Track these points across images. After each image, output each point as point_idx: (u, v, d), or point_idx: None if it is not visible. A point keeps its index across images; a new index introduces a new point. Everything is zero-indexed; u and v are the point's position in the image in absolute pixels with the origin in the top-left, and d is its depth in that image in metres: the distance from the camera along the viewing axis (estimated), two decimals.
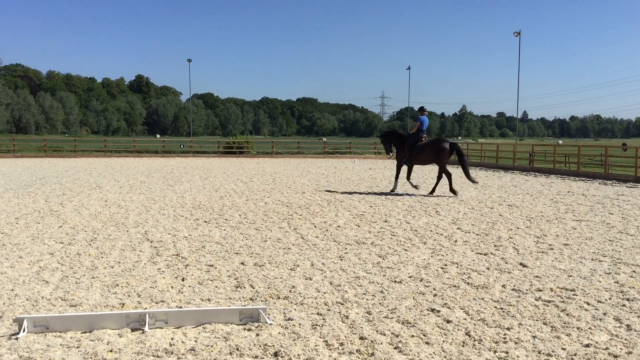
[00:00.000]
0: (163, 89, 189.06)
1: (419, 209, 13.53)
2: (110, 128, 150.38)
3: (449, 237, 9.95)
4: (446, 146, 16.25)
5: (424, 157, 16.61)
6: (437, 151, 16.28)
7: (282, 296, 6.29)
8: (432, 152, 16.39)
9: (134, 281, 6.84)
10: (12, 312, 5.63)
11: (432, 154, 16.42)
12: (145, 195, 15.72)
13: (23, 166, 29.18)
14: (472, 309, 5.90)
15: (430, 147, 16.44)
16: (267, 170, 27.26)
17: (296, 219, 11.83)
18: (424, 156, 16.60)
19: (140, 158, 40.03)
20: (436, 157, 16.36)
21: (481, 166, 32.25)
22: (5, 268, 7.40)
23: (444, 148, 16.21)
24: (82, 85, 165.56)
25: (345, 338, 5.03)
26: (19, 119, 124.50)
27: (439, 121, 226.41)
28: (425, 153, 16.52)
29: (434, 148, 16.35)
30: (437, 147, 16.29)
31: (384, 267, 7.67)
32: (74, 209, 12.82)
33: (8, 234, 9.81)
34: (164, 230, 10.35)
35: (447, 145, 16.29)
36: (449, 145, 16.33)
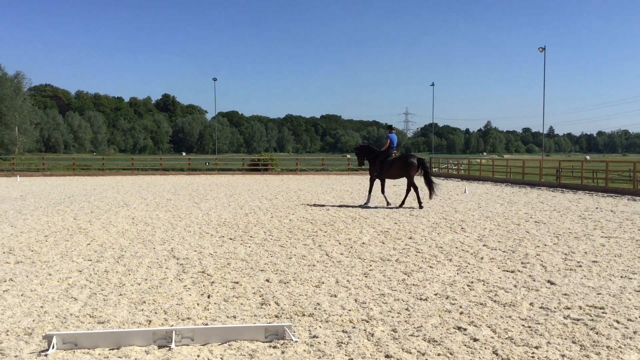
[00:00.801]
0: (189, 108, 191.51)
1: (444, 225, 13.44)
2: (137, 146, 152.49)
3: (475, 254, 9.87)
4: (414, 161, 17.34)
5: (394, 171, 17.63)
6: (405, 166, 17.38)
7: (307, 313, 6.29)
8: (401, 167, 17.46)
9: (160, 298, 6.90)
10: (41, 329, 5.72)
11: (401, 168, 17.48)
12: (172, 213, 15.88)
13: (52, 184, 29.69)
14: (499, 327, 5.83)
15: (399, 162, 17.53)
16: (291, 187, 27.35)
17: (321, 235, 11.84)
18: (393, 170, 17.62)
19: (166, 176, 40.48)
20: (404, 172, 17.43)
21: (507, 182, 31.94)
22: (35, 285, 7.53)
23: (412, 163, 17.32)
24: (109, 104, 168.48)
25: (370, 356, 5.01)
26: (49, 138, 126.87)
27: (464, 137, 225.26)
28: (394, 167, 17.56)
29: (402, 163, 17.45)
30: (405, 162, 17.40)
31: (409, 285, 7.63)
32: (102, 227, 13.01)
33: (38, 251, 9.98)
34: (190, 247, 10.43)
35: (415, 160, 17.39)
36: (417, 160, 17.41)
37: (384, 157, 17.76)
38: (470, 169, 42.06)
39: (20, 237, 11.45)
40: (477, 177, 36.03)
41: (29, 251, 9.96)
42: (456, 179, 37.38)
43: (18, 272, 8.30)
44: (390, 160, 17.63)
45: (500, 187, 28.59)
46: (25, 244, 10.67)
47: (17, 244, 10.72)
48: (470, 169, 42.07)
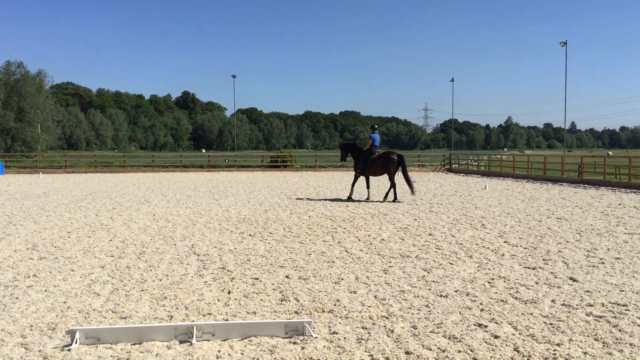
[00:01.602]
0: (208, 105, 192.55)
1: (464, 222, 13.36)
2: (157, 143, 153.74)
3: (496, 250, 9.80)
4: (394, 158, 18.41)
5: (376, 168, 18.62)
6: (386, 163, 18.41)
7: (327, 310, 6.30)
8: (382, 163, 18.47)
9: (181, 294, 6.96)
10: (64, 324, 5.80)
11: (382, 165, 18.48)
12: (192, 209, 15.99)
13: (74, 181, 30.07)
14: (520, 324, 5.79)
15: (380, 160, 18.53)
16: (310, 184, 27.38)
17: (340, 232, 11.84)
18: (375, 167, 18.61)
19: (186, 173, 40.76)
20: (385, 168, 18.43)
21: (528, 178, 31.65)
22: (58, 281, 7.63)
23: (392, 159, 18.37)
24: (130, 102, 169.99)
25: (390, 352, 5.01)
26: (71, 136, 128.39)
27: (484, 133, 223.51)
28: (376, 165, 18.55)
29: (383, 160, 18.47)
30: (386, 159, 18.45)
31: (429, 281, 7.60)
32: (123, 223, 13.14)
33: (61, 247, 10.12)
34: (210, 243, 10.50)
35: (395, 157, 18.44)
36: (397, 157, 18.45)
37: (368, 155, 18.75)
38: (490, 165, 41.75)
39: (43, 234, 11.62)
40: (498, 173, 35.75)
41: (52, 247, 10.11)
42: (476, 175, 37.12)
43: (41, 268, 8.42)
44: (373, 158, 18.60)
45: (521, 183, 28.35)
46: (49, 240, 10.82)
47: (40, 240, 10.88)
48: (491, 165, 41.77)
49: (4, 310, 6.28)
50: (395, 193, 18.34)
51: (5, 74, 79.90)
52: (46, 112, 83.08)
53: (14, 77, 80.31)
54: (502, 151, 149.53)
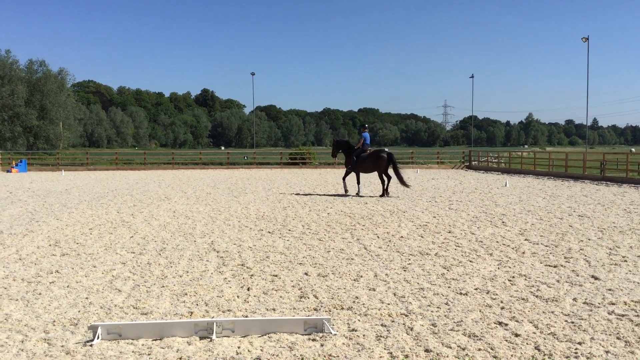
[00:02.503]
0: (227, 102, 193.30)
1: (484, 219, 13.27)
2: (177, 141, 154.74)
3: (517, 248, 9.72)
4: (384, 156, 19.11)
5: (367, 166, 19.38)
6: (376, 160, 19.11)
7: (346, 307, 6.30)
8: (373, 161, 19.19)
9: (201, 290, 7.01)
10: (86, 320, 5.87)
11: (373, 163, 19.20)
12: (211, 207, 16.09)
13: (96, 178, 30.39)
14: (541, 322, 5.74)
15: (371, 157, 19.29)
16: (329, 181, 27.38)
17: (359, 229, 11.83)
18: (366, 165, 19.38)
19: (205, 170, 41.00)
20: (376, 166, 19.14)
21: (549, 175, 31.34)
22: (80, 277, 7.73)
23: (382, 157, 19.07)
24: (150, 100, 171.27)
25: (410, 350, 5.00)
26: (92, 133, 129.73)
27: (504, 130, 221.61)
28: (367, 162, 19.32)
29: (374, 158, 19.20)
30: (376, 157, 19.16)
31: (448, 279, 7.57)
32: (144, 220, 13.26)
33: (83, 244, 10.24)
34: (230, 240, 10.55)
35: (385, 155, 19.16)
36: (386, 155, 19.16)
37: (359, 152, 19.55)
38: (511, 162, 41.40)
39: (65, 230, 11.76)
40: (518, 171, 35.44)
41: (74, 244, 10.23)
42: (496, 172, 36.84)
43: (64, 264, 8.53)
44: (364, 156, 19.41)
45: (542, 180, 28.08)
46: (71, 237, 10.95)
47: (62, 236, 11.02)
48: (511, 162, 41.41)
49: (27, 305, 6.37)
50: (386, 188, 19.13)
51: (28, 73, 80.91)
52: (68, 110, 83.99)
53: (36, 75, 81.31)
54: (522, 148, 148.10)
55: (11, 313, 6.08)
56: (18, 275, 7.82)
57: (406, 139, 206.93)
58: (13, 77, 77.32)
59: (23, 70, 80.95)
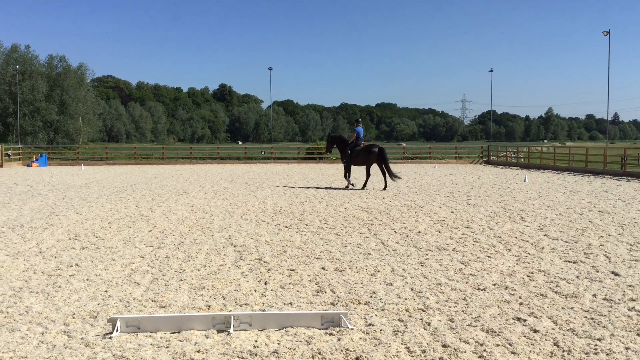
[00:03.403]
0: (245, 97, 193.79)
1: (502, 214, 13.17)
2: (195, 136, 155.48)
3: (535, 244, 9.63)
4: (375, 150, 19.80)
5: (359, 159, 20.17)
6: (368, 154, 19.85)
7: (363, 301, 6.29)
8: (364, 155, 19.95)
9: (219, 284, 7.04)
10: (106, 313, 5.93)
11: (364, 156, 19.97)
12: (229, 201, 16.15)
13: (115, 173, 30.66)
14: (560, 318, 5.68)
15: (362, 151, 20.04)
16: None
17: (376, 224, 11.81)
18: (359, 159, 20.15)
19: (223, 165, 41.17)
20: (367, 159, 19.92)
21: (569, 170, 31.01)
22: (100, 270, 7.80)
23: (373, 151, 19.78)
24: (169, 95, 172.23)
25: (427, 345, 4.98)
26: (111, 128, 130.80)
27: (524, 124, 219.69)
28: (360, 156, 20.08)
29: (365, 152, 19.95)
30: (368, 151, 19.87)
31: (466, 274, 7.52)
32: (162, 214, 13.35)
33: (102, 237, 10.34)
34: (247, 235, 10.59)
35: (376, 149, 19.83)
36: (377, 149, 19.83)
37: (353, 146, 20.30)
38: (530, 157, 41.04)
39: (85, 224, 11.88)
40: (538, 166, 35.13)
41: (93, 237, 10.33)
42: (515, 167, 36.54)
43: (83, 257, 8.62)
44: (357, 150, 20.15)
45: (562, 175, 27.80)
46: (90, 231, 11.06)
47: (82, 230, 11.14)
48: (531, 157, 41.06)
49: (47, 298, 6.45)
50: (366, 181, 20.24)
51: (48, 68, 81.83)
52: (87, 105, 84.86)
53: (56, 70, 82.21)
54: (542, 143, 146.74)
55: (32, 305, 6.16)
56: (38, 268, 7.92)
57: (424, 134, 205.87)
58: (33, 72, 78.26)
59: (43, 65, 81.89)
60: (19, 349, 4.92)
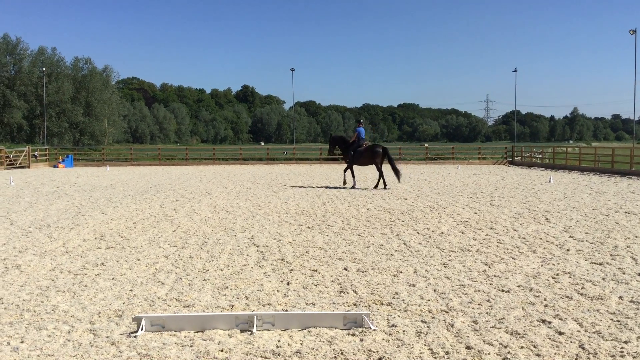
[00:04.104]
0: (267, 98, 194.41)
1: (527, 215, 13.04)
2: (218, 137, 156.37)
3: (561, 245, 9.52)
4: (379, 150, 20.33)
5: (363, 159, 20.61)
6: (373, 155, 20.31)
7: (386, 302, 6.28)
8: (369, 155, 20.38)
9: (242, 284, 7.08)
10: (131, 311, 6.00)
11: (369, 157, 20.41)
12: (251, 202, 16.22)
13: (139, 174, 30.99)
14: (586, 320, 5.61)
15: (367, 152, 20.45)
16: (368, 177, 27.28)
17: (398, 225, 11.77)
18: (363, 159, 20.59)
19: (245, 165, 41.37)
20: (372, 160, 20.36)
21: (595, 171, 30.57)
22: (125, 270, 7.90)
23: (378, 152, 20.30)
24: (192, 96, 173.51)
25: (450, 347, 4.95)
26: (136, 130, 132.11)
27: (548, 125, 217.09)
28: (364, 156, 20.50)
29: (370, 152, 20.38)
30: (373, 152, 20.35)
31: (490, 276, 7.46)
32: (186, 214, 13.46)
33: (127, 237, 10.46)
34: (269, 235, 10.63)
35: (381, 149, 20.36)
36: (382, 149, 20.37)
37: (355, 147, 20.62)
38: (555, 158, 40.56)
39: (110, 224, 12.04)
40: (563, 166, 34.70)
41: (119, 237, 10.46)
42: (540, 168, 36.14)
43: (109, 257, 8.73)
44: (361, 150, 20.49)
45: (587, 176, 27.42)
46: (116, 231, 11.20)
47: (107, 230, 11.28)
48: (556, 158, 40.57)
49: (73, 297, 6.55)
50: (384, 181, 20.33)
51: (74, 70, 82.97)
52: (112, 107, 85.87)
53: (82, 72, 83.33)
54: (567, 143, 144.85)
55: (58, 304, 6.25)
56: (65, 267, 8.04)
57: (447, 135, 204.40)
58: (60, 74, 79.40)
59: (69, 67, 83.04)
60: (46, 347, 5.00)
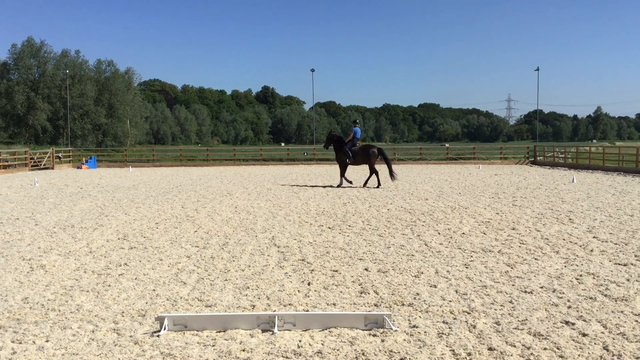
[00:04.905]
0: (287, 99, 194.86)
1: (550, 216, 12.90)
2: (238, 137, 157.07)
3: (584, 246, 9.41)
4: (375, 151, 20.89)
5: (359, 159, 21.10)
6: (367, 154, 20.81)
7: (407, 303, 6.26)
8: (364, 155, 20.88)
9: (263, 284, 7.11)
10: (154, 311, 6.06)
11: (363, 156, 20.90)
12: (272, 202, 16.28)
13: (161, 174, 31.25)
14: (610, 322, 5.54)
15: (362, 151, 20.97)
16: (388, 177, 27.19)
17: (419, 225, 11.72)
18: (359, 158, 21.08)
19: (266, 166, 41.50)
20: (366, 159, 20.85)
21: (619, 171, 30.14)
22: (148, 270, 7.98)
23: (373, 152, 20.83)
24: (213, 97, 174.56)
25: (472, 348, 4.92)
26: (157, 131, 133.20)
27: (571, 124, 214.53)
28: (358, 156, 21.01)
29: (365, 152, 20.88)
30: (367, 152, 20.87)
31: (512, 277, 7.40)
32: (207, 215, 13.55)
33: (149, 237, 10.56)
34: (290, 235, 10.66)
35: (375, 149, 20.94)
36: (377, 149, 20.94)
37: (350, 146, 21.11)
38: (578, 157, 40.07)
39: (133, 224, 12.16)
40: (586, 166, 34.26)
41: (141, 237, 10.57)
42: (563, 167, 35.73)
43: (132, 257, 8.83)
44: (355, 150, 21.01)
45: (611, 176, 27.04)
46: (138, 231, 11.32)
47: (130, 230, 11.40)
48: (579, 157, 40.08)
49: (97, 297, 6.63)
50: (378, 179, 20.94)
51: (97, 72, 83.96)
52: (135, 108, 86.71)
53: (104, 75, 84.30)
54: (591, 143, 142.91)
55: (82, 304, 6.34)
56: (89, 267, 8.15)
57: (468, 135, 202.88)
58: (83, 76, 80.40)
59: (92, 69, 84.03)
60: (70, 346, 5.07)
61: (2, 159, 36.07)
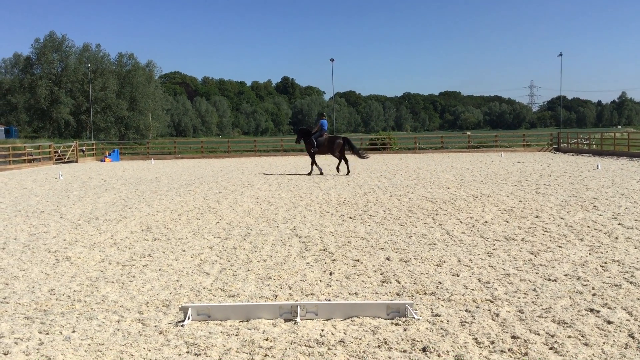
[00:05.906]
0: (307, 89, 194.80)
1: (574, 203, 12.75)
2: (259, 129, 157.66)
3: (609, 233, 9.29)
4: (340, 141, 22.42)
5: (323, 148, 22.61)
6: (331, 144, 22.36)
7: (429, 292, 6.25)
8: (329, 145, 22.43)
9: (285, 274, 7.14)
10: (177, 301, 6.13)
11: (328, 146, 22.44)
12: (293, 193, 16.31)
13: (183, 166, 31.49)
14: (636, 309, 5.47)
15: (327, 142, 22.55)
16: (410, 166, 27.11)
17: (441, 214, 11.67)
18: (323, 148, 22.60)
19: (287, 157, 41.58)
20: (331, 149, 22.33)
21: None
22: (171, 260, 8.06)
23: (338, 142, 22.39)
24: (233, 89, 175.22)
25: (496, 336, 4.90)
26: (179, 123, 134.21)
27: (595, 110, 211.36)
28: (324, 146, 22.53)
29: (330, 142, 22.48)
30: (333, 142, 22.41)
31: (536, 265, 7.34)
32: (229, 206, 13.63)
33: (172, 229, 10.66)
34: (311, 226, 10.68)
35: (341, 140, 22.48)
36: (342, 140, 22.51)
37: (317, 136, 22.65)
38: (603, 144, 39.50)
39: (156, 216, 12.28)
40: (611, 152, 33.76)
41: (164, 229, 10.67)
42: (587, 154, 35.25)
43: (155, 248, 8.92)
44: (321, 140, 22.55)
45: (637, 162, 26.62)
46: (161, 222, 11.43)
47: (153, 222, 11.52)
48: (603, 144, 39.51)
49: (122, 288, 6.72)
50: (347, 167, 22.41)
51: (118, 66, 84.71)
52: (156, 101, 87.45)
53: (125, 68, 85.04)
54: (615, 129, 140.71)
55: (108, 295, 6.43)
56: (113, 259, 8.25)
57: (490, 122, 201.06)
58: (104, 70, 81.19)
59: (113, 63, 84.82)
60: (96, 336, 5.15)
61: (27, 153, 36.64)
